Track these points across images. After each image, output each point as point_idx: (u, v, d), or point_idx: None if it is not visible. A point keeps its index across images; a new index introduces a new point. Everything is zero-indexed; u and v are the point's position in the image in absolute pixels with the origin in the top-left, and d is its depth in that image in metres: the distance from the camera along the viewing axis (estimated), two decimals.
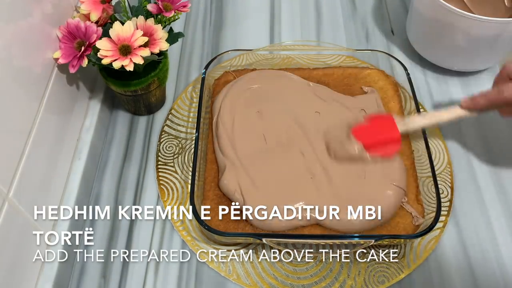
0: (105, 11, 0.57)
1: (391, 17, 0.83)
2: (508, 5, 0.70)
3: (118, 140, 0.67)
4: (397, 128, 0.56)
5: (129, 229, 0.59)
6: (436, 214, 0.53)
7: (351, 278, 0.55)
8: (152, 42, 0.57)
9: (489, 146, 0.66)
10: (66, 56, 0.54)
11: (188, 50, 0.77)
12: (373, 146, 0.56)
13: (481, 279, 0.55)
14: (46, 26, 0.54)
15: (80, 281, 0.55)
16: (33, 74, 0.51)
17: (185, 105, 0.70)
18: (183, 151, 0.65)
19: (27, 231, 0.49)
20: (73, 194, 0.57)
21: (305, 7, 0.84)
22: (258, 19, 0.82)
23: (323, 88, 0.67)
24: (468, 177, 0.63)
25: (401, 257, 0.56)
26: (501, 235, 0.58)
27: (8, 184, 0.45)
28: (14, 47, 0.47)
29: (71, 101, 0.60)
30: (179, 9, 0.59)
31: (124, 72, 0.56)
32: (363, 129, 0.57)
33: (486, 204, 0.61)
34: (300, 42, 0.76)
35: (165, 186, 0.62)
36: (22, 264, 0.49)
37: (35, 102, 0.51)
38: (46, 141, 0.53)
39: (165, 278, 0.55)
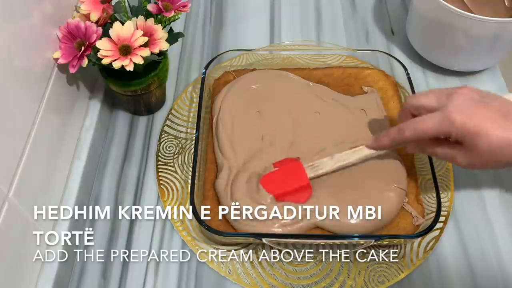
0: (105, 11, 0.57)
1: (391, 17, 0.83)
2: (508, 5, 0.70)
3: (118, 140, 0.67)
4: (305, 174, 0.56)
5: (129, 229, 0.59)
6: (436, 214, 0.53)
7: (351, 278, 0.55)
8: (152, 42, 0.57)
9: None
10: (66, 56, 0.54)
11: (188, 50, 0.77)
12: (283, 196, 0.55)
13: (481, 279, 0.55)
14: (46, 26, 0.54)
15: (80, 281, 0.55)
16: (33, 74, 0.51)
17: (185, 105, 0.70)
18: (183, 151, 0.65)
19: (27, 231, 0.49)
20: (73, 194, 0.57)
21: (305, 7, 0.84)
22: (258, 19, 0.82)
23: (323, 88, 0.67)
24: (468, 177, 0.63)
25: (401, 257, 0.56)
26: (501, 235, 0.58)
27: (8, 184, 0.45)
28: (14, 47, 0.47)
29: (71, 101, 0.60)
30: (179, 9, 0.59)
31: (124, 72, 0.56)
32: (272, 178, 0.56)
33: (486, 204, 0.61)
34: (300, 42, 0.76)
35: (165, 186, 0.62)
36: (22, 264, 0.49)
37: (35, 102, 0.51)
38: (46, 141, 0.53)
39: (165, 278, 0.55)
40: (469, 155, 0.46)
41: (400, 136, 0.50)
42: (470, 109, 0.45)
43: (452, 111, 0.46)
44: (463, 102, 0.46)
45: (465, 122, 0.45)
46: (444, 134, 0.47)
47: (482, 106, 0.46)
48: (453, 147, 0.48)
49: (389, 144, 0.53)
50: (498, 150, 0.45)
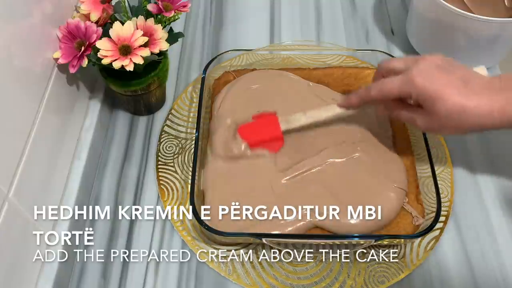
0: (105, 11, 0.57)
1: (391, 17, 0.83)
2: (508, 5, 0.70)
3: (118, 140, 0.67)
4: (279, 126, 0.60)
5: (129, 229, 0.59)
6: (436, 214, 0.53)
7: (351, 278, 0.55)
8: (152, 42, 0.57)
9: (489, 146, 0.66)
10: (66, 56, 0.54)
11: (188, 50, 0.77)
12: (257, 144, 0.59)
13: (481, 279, 0.55)
14: (46, 26, 0.54)
15: (80, 281, 0.55)
16: (33, 74, 0.51)
17: (185, 105, 0.70)
18: (183, 151, 0.65)
19: (27, 231, 0.49)
20: (73, 194, 0.57)
21: (305, 7, 0.84)
22: (258, 19, 0.82)
23: (323, 88, 0.67)
24: (468, 177, 0.63)
25: (401, 257, 0.56)
26: (501, 235, 0.58)
27: (8, 184, 0.45)
28: (14, 47, 0.47)
29: (71, 101, 0.60)
30: (179, 9, 0.59)
31: (124, 72, 0.56)
32: (248, 127, 0.60)
33: (486, 204, 0.61)
34: (300, 42, 0.76)
35: (165, 186, 0.62)
36: (22, 264, 0.49)
37: (35, 102, 0.51)
38: (46, 141, 0.53)
39: (165, 278, 0.55)
40: (428, 119, 0.48)
41: (367, 95, 0.52)
42: (432, 74, 0.47)
43: (415, 75, 0.47)
44: (427, 67, 0.47)
45: (425, 86, 0.46)
46: (406, 95, 0.48)
47: (445, 72, 0.47)
48: (415, 110, 0.49)
49: (357, 102, 0.55)
50: (454, 115, 0.46)
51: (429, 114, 0.47)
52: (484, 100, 0.45)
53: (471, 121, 0.46)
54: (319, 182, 0.57)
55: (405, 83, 0.48)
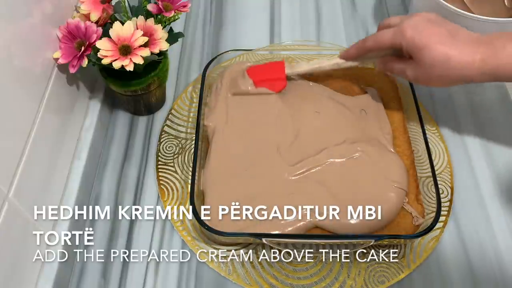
0: (105, 11, 0.57)
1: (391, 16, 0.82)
2: (508, 5, 0.70)
3: (118, 140, 0.67)
4: (284, 69, 0.65)
5: (129, 229, 0.59)
6: (436, 214, 0.53)
7: (351, 278, 0.55)
8: (152, 42, 0.57)
9: (489, 146, 0.66)
10: (66, 56, 0.54)
11: (188, 50, 0.77)
12: (262, 82, 0.64)
13: (481, 278, 0.55)
14: (46, 26, 0.54)
15: (80, 281, 0.55)
16: (33, 74, 0.51)
17: (185, 105, 0.70)
18: (183, 151, 0.65)
19: (27, 231, 0.49)
20: (73, 194, 0.57)
21: (305, 7, 0.84)
22: (258, 19, 0.82)
23: (323, 88, 0.67)
24: (468, 177, 0.63)
25: (401, 257, 0.56)
26: (501, 235, 0.58)
27: (8, 184, 0.45)
28: (14, 47, 0.47)
29: (71, 101, 0.60)
30: (179, 9, 0.59)
31: (124, 72, 0.56)
32: (257, 68, 0.65)
33: (486, 204, 0.61)
34: (300, 42, 0.76)
35: (165, 186, 0.62)
36: (22, 264, 0.49)
37: (35, 102, 0.51)
38: (46, 141, 0.53)
39: (165, 278, 0.55)
40: (416, 69, 0.51)
41: (363, 45, 0.56)
42: (422, 26, 0.50)
43: (406, 26, 0.51)
44: (418, 20, 0.51)
45: (414, 36, 0.49)
46: (397, 46, 0.51)
47: (435, 25, 0.50)
48: (405, 62, 0.52)
49: (355, 52, 0.57)
50: (438, 64, 0.48)
51: (417, 64, 0.50)
52: (467, 50, 0.47)
53: (454, 70, 0.48)
54: (319, 181, 0.57)
55: (396, 34, 0.51)
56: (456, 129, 0.68)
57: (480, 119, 0.68)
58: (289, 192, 0.56)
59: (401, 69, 0.53)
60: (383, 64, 0.57)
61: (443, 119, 0.68)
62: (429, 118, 0.68)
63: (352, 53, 0.58)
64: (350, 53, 0.58)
